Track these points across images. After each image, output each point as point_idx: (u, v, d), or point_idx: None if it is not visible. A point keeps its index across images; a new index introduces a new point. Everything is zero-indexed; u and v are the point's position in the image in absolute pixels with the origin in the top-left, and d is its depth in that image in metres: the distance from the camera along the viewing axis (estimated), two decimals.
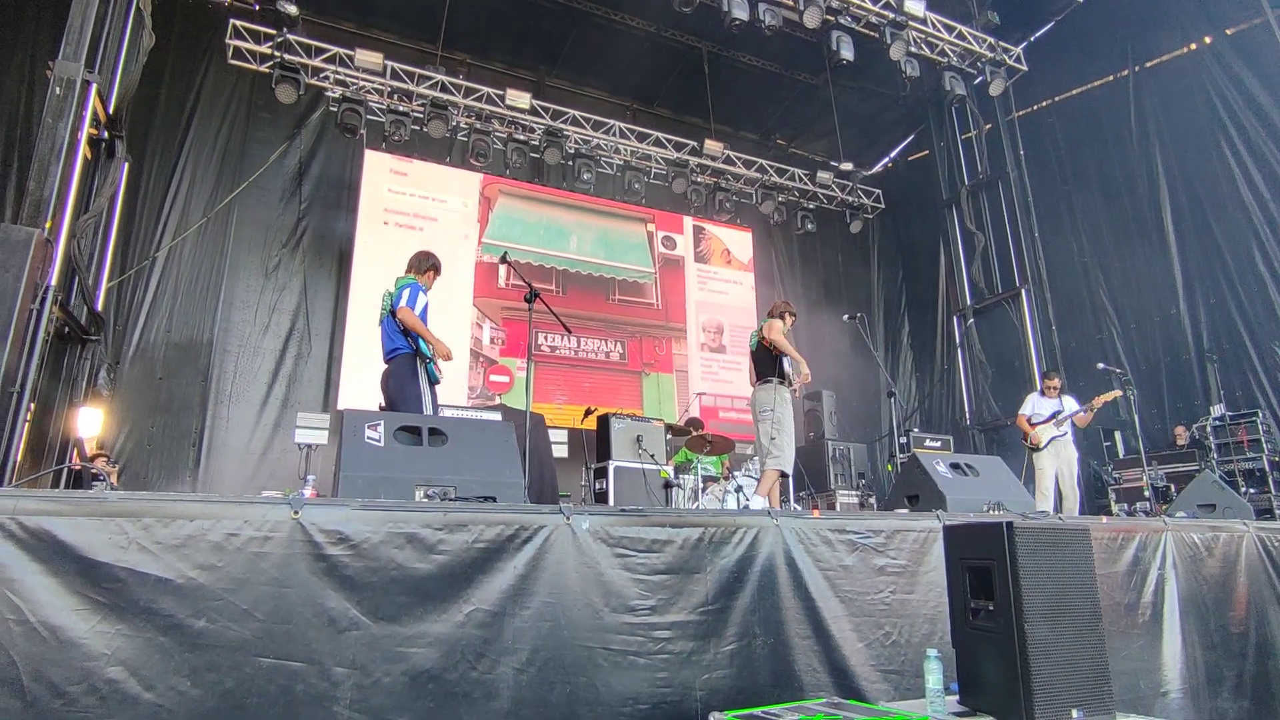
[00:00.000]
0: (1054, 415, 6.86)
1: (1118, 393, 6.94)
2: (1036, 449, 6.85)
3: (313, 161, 9.07)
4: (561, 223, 10.27)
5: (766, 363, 5.47)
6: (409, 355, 4.54)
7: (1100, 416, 9.39)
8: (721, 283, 11.19)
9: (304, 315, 8.54)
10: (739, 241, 11.55)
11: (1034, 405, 7.11)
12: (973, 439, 9.89)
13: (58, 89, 4.46)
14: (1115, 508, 8.09)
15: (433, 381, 4.59)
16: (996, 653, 2.45)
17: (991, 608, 2.51)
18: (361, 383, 8.03)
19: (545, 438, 6.45)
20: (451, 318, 8.87)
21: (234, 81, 8.76)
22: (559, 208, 10.35)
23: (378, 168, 9.14)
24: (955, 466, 4.53)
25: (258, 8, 8.75)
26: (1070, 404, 6.89)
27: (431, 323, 4.67)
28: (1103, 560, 3.58)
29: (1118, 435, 9.22)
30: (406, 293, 4.57)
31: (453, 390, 8.59)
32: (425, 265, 4.86)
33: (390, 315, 4.57)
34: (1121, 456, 8.97)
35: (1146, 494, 7.45)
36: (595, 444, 6.69)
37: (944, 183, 10.87)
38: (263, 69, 8.46)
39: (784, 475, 5.36)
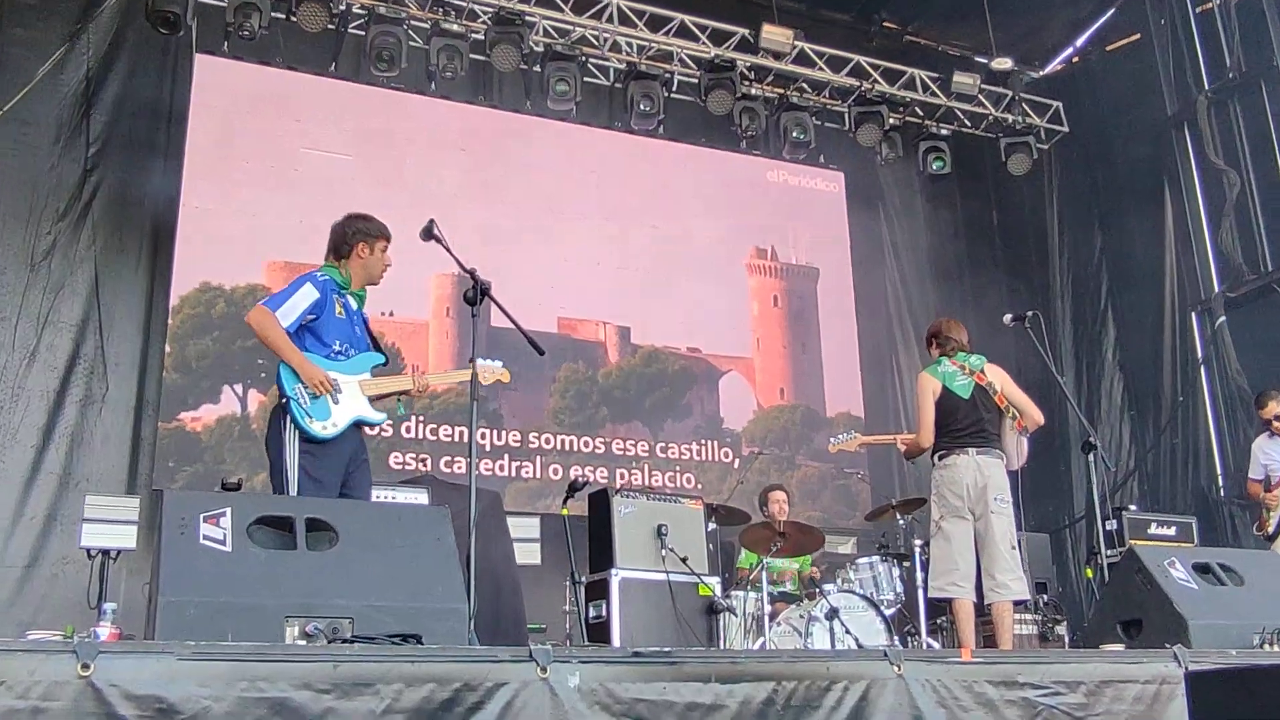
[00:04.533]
0: None
1: None
2: (1269, 536, 6.87)
3: (109, 77, 9.18)
4: None
5: (996, 422, 5.87)
6: (278, 398, 4.57)
7: None
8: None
9: (96, 332, 8.59)
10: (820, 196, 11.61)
11: (1264, 455, 7.05)
12: (1229, 521, 9.81)
13: None
14: None
15: (309, 437, 4.46)
16: None
17: None
18: (194, 444, 8.05)
19: (504, 530, 6.43)
20: None
21: None
22: None
23: (216, 84, 9.26)
24: (1204, 569, 4.51)
25: None
26: None
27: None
28: None
29: None
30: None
31: None
32: (343, 241, 4.82)
33: None
34: None
35: None
36: (588, 540, 6.67)
37: (1169, 88, 10.88)
38: None
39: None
